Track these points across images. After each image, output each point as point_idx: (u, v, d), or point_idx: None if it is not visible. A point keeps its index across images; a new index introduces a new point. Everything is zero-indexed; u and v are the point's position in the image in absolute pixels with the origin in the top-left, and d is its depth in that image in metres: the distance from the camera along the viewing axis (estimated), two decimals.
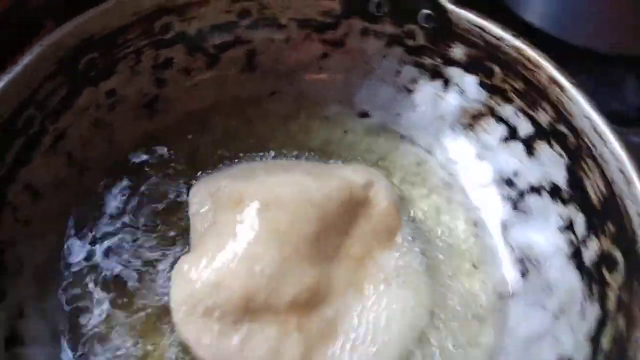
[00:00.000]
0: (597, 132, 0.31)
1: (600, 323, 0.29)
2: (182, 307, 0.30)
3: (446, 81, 0.39)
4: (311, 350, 0.30)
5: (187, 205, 0.36)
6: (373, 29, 0.39)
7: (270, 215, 0.32)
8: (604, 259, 0.30)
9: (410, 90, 0.40)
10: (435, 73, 0.39)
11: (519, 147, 0.36)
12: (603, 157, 0.31)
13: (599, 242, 0.31)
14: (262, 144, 0.40)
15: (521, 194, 0.36)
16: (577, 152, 0.32)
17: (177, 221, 0.36)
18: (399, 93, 0.40)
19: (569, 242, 0.33)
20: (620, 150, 0.30)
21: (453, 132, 0.39)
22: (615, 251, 0.30)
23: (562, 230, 0.33)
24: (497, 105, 0.37)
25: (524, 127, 0.36)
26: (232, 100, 0.41)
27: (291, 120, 0.41)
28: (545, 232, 0.34)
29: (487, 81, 0.37)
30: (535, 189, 0.35)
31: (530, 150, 0.36)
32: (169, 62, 0.39)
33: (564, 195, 0.33)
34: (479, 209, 0.38)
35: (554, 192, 0.34)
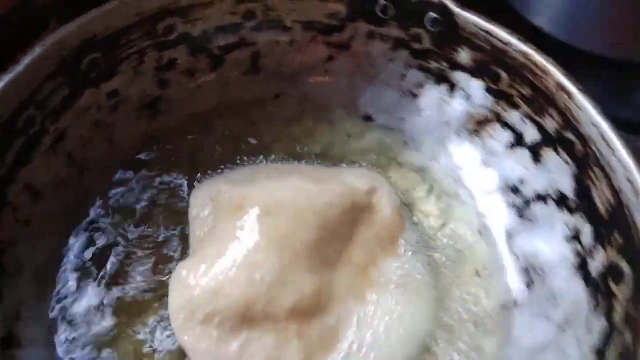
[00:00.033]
0: (604, 140, 0.30)
1: (606, 336, 0.29)
2: (180, 314, 0.30)
3: (452, 86, 0.38)
4: (311, 358, 0.30)
5: (187, 208, 0.36)
6: (379, 32, 0.39)
7: (270, 221, 0.31)
8: (610, 270, 0.30)
9: (416, 95, 0.40)
10: (441, 77, 0.38)
11: (525, 153, 0.36)
12: (610, 166, 0.30)
13: (606, 252, 0.30)
14: (265, 147, 0.39)
15: (527, 202, 0.36)
16: (584, 160, 0.32)
17: (177, 224, 0.35)
18: (403, 97, 0.40)
19: (575, 252, 0.32)
20: (628, 158, 0.29)
21: (458, 138, 0.39)
22: (622, 262, 0.29)
23: (568, 239, 0.33)
24: (503, 111, 0.36)
25: (531, 134, 0.35)
26: (236, 102, 0.41)
27: (295, 123, 0.41)
28: (550, 241, 0.34)
29: (493, 86, 0.36)
30: (541, 197, 0.35)
31: (536, 157, 0.35)
32: (172, 63, 0.38)
33: (571, 203, 0.33)
34: (483, 216, 0.37)
35: (561, 200, 0.33)
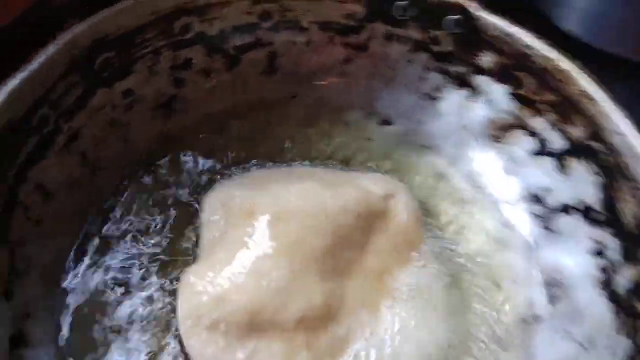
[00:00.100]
0: (632, 150, 0.29)
1: (631, 358, 0.27)
2: (188, 320, 0.29)
3: (473, 90, 0.37)
4: None
5: (199, 211, 0.35)
6: (398, 34, 0.38)
7: (281, 227, 0.31)
8: (637, 288, 0.28)
9: (435, 99, 0.38)
10: (462, 81, 0.37)
11: (549, 162, 0.34)
12: (638, 178, 0.28)
13: (633, 270, 0.29)
14: (281, 149, 0.39)
15: (550, 213, 0.34)
16: (611, 170, 0.30)
17: (189, 227, 0.35)
18: (423, 101, 0.39)
19: (600, 268, 0.31)
20: None
21: (479, 144, 0.38)
22: None
23: (593, 254, 0.31)
24: (527, 118, 0.35)
25: (555, 142, 0.34)
26: (252, 103, 0.40)
27: (311, 125, 0.40)
28: (575, 256, 0.32)
29: (516, 92, 0.35)
30: (566, 209, 0.33)
31: (561, 167, 0.34)
32: (188, 63, 0.38)
33: (597, 217, 0.31)
34: (505, 226, 0.36)
35: (586, 213, 0.32)
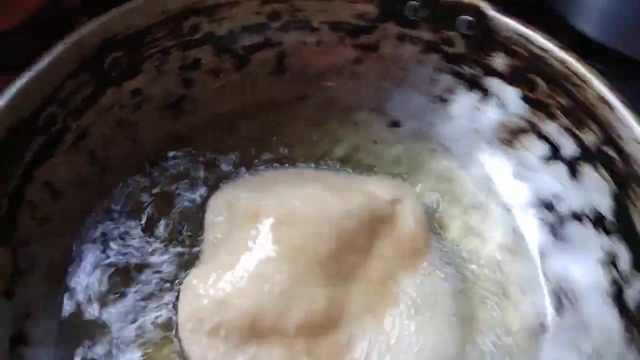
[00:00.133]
0: None
1: None
2: (188, 323, 0.29)
3: (485, 92, 0.36)
4: None
5: (204, 211, 0.35)
6: (409, 34, 0.37)
7: (284, 232, 0.30)
8: None
9: (446, 100, 0.38)
10: (474, 83, 0.36)
11: (561, 168, 0.33)
12: None
13: None
14: (288, 149, 0.38)
15: (561, 220, 0.33)
16: (625, 178, 0.29)
17: (193, 228, 0.35)
18: (433, 102, 0.38)
19: (610, 278, 0.30)
20: None
21: (490, 148, 0.37)
22: None
23: (603, 264, 0.30)
24: (540, 122, 0.34)
25: (568, 148, 0.33)
26: (260, 103, 0.40)
27: (319, 125, 0.39)
28: (584, 265, 0.31)
29: (529, 95, 0.34)
30: (577, 216, 0.32)
31: (573, 173, 0.33)
32: (197, 62, 0.38)
33: (608, 225, 0.30)
34: (514, 232, 0.35)
35: (598, 221, 0.31)
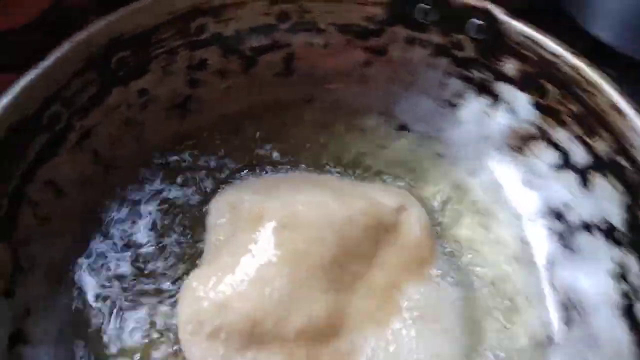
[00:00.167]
0: None
1: None
2: (188, 325, 0.29)
3: (495, 97, 0.35)
4: None
5: (207, 212, 0.35)
6: (419, 38, 0.36)
7: (286, 236, 0.30)
8: None
9: (455, 105, 0.37)
10: (484, 88, 0.36)
11: (571, 177, 0.32)
12: None
13: None
14: (294, 152, 0.38)
15: (570, 230, 0.32)
16: (637, 188, 0.28)
17: (196, 228, 0.34)
18: (442, 107, 0.38)
19: (620, 291, 0.29)
20: None
21: (499, 154, 0.36)
22: None
23: (613, 276, 0.29)
24: (550, 129, 0.33)
25: (579, 156, 0.32)
26: (267, 105, 0.39)
27: (326, 129, 0.39)
28: (594, 277, 0.30)
29: (540, 101, 0.33)
30: (587, 226, 0.31)
31: (584, 182, 0.32)
32: (203, 63, 0.38)
33: (619, 236, 0.30)
34: (522, 242, 0.34)
35: (608, 232, 0.30)
